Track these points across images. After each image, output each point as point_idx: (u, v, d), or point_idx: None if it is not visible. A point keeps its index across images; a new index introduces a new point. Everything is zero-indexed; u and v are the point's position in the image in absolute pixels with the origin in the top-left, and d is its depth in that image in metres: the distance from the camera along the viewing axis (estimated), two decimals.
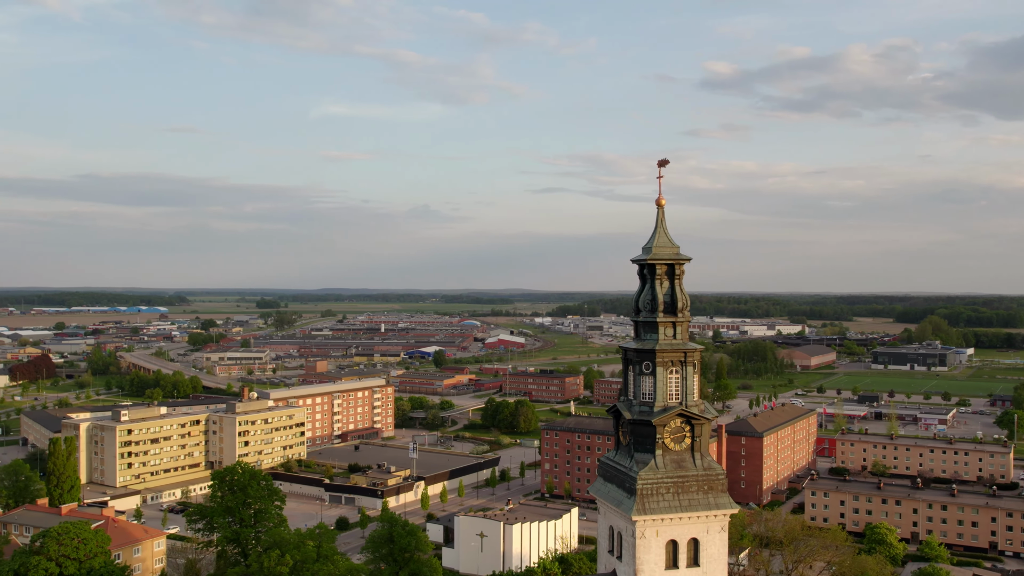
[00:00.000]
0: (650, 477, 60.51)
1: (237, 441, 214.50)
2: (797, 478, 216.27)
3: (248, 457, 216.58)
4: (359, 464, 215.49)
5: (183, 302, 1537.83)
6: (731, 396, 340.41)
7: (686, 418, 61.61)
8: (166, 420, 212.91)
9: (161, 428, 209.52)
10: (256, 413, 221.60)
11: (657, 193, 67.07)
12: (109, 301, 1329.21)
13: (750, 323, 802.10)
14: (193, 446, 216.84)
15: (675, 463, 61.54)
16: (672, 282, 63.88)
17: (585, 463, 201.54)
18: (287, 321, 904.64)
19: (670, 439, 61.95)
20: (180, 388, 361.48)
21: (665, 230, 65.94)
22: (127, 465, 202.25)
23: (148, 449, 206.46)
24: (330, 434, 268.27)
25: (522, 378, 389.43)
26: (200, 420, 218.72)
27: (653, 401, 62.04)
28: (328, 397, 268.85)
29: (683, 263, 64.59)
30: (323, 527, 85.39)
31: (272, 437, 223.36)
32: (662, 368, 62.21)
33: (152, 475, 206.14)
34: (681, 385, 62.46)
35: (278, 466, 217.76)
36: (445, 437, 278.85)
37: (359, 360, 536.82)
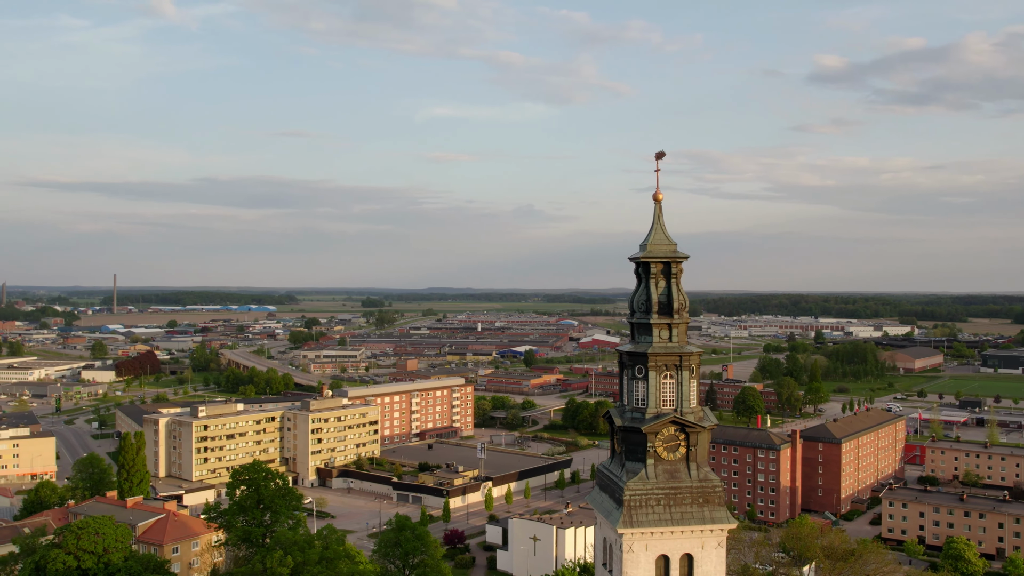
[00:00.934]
0: (639, 488, 56.92)
1: (310, 438, 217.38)
2: (881, 487, 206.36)
3: (321, 454, 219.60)
4: (429, 463, 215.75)
5: (292, 301, 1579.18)
6: (823, 399, 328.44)
7: (680, 426, 57.62)
8: (242, 416, 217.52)
9: (236, 424, 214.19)
10: (329, 411, 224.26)
11: (655, 187, 63.35)
12: (222, 300, 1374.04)
13: (856, 324, 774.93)
14: (268, 442, 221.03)
15: (668, 473, 57.65)
16: (669, 282, 60.07)
17: None
18: (387, 320, 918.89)
19: (663, 448, 58.09)
20: (272, 385, 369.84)
21: (662, 226, 62.24)
22: (203, 460, 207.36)
23: (224, 444, 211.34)
24: (408, 432, 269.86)
25: (608, 378, 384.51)
26: (275, 417, 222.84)
27: (646, 408, 58.47)
28: (406, 396, 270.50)
29: (680, 262, 60.70)
30: (330, 528, 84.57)
31: (345, 435, 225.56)
32: (655, 373, 58.50)
33: (227, 470, 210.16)
34: (676, 391, 58.54)
35: (350, 463, 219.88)
36: (523, 437, 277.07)
37: (452, 359, 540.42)
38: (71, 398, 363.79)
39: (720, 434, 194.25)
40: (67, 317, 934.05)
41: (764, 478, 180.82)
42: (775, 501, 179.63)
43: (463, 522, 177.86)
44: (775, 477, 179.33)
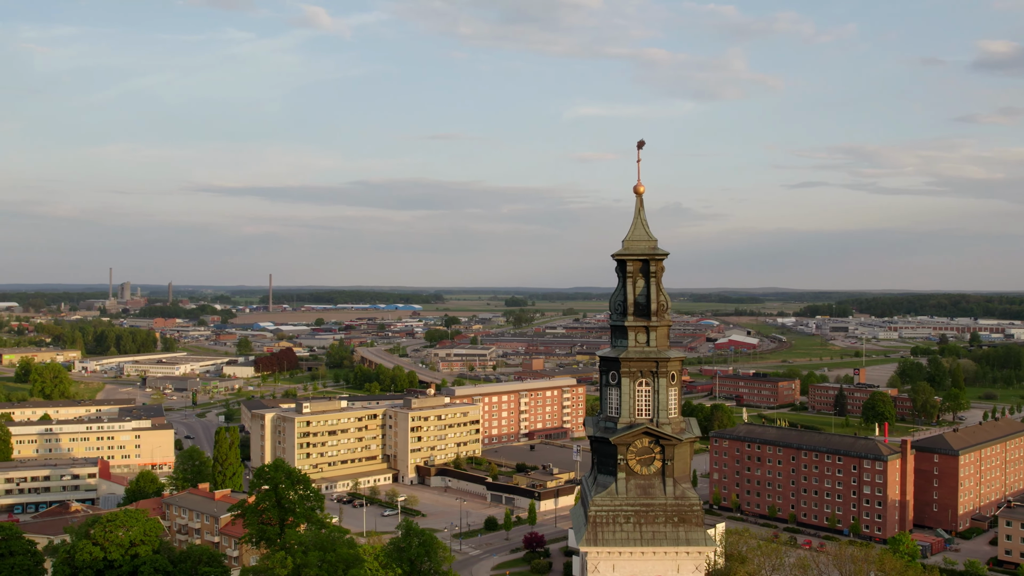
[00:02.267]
0: (605, 504, 52.68)
1: (410, 436, 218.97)
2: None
3: (420, 452, 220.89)
4: (527, 464, 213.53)
5: (439, 300, 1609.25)
6: (963, 407, 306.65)
7: (655, 438, 52.89)
8: (344, 413, 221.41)
9: (339, 421, 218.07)
10: (430, 409, 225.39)
11: (636, 179, 58.53)
12: (372, 299, 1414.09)
13: (1019, 326, 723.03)
14: (370, 439, 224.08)
15: (640, 489, 52.97)
16: (647, 281, 55.23)
17: (755, 475, 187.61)
18: (525, 319, 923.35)
19: (635, 461, 53.48)
20: (397, 382, 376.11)
21: (643, 221, 57.26)
22: (305, 455, 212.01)
23: (325, 440, 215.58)
24: (516, 432, 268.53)
25: (733, 381, 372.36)
26: (377, 415, 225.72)
27: (619, 417, 54.11)
28: (515, 396, 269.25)
29: (660, 259, 55.73)
30: (339, 529, 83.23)
31: (445, 433, 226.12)
32: (628, 379, 53.96)
33: (329, 465, 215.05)
34: (652, 399, 53.77)
35: (449, 462, 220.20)
36: None
37: (581, 358, 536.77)
38: (208, 392, 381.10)
39: (824, 442, 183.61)
40: (224, 315, 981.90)
41: (870, 490, 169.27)
42: (882, 515, 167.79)
43: (550, 526, 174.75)
44: (882, 490, 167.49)
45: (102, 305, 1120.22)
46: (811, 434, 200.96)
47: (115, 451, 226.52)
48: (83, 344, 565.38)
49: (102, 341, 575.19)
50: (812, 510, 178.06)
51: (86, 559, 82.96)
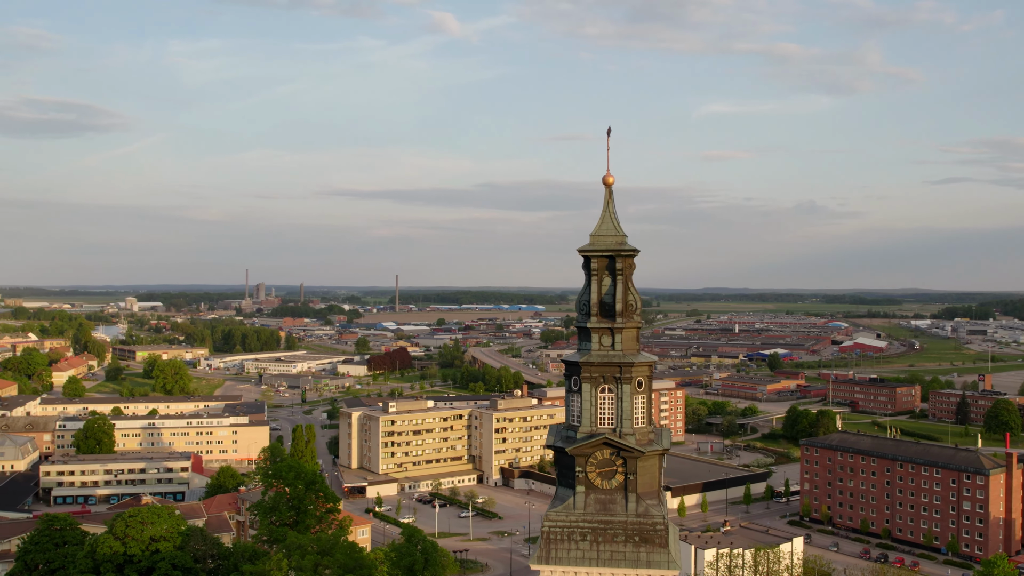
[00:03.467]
0: (560, 519, 48.62)
1: (494, 437, 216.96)
2: None
3: (505, 454, 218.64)
4: None
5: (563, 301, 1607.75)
6: None
7: (617, 449, 48.58)
8: (429, 413, 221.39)
9: (424, 421, 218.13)
10: (516, 411, 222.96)
11: (605, 168, 54.25)
12: (496, 299, 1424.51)
13: None
14: (456, 439, 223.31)
15: (600, 504, 48.62)
16: (614, 279, 50.83)
17: (847, 486, 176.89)
18: (645, 320, 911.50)
19: (596, 474, 49.18)
20: (503, 383, 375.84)
21: (611, 215, 52.84)
22: (390, 454, 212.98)
23: (410, 440, 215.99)
24: None
25: (848, 386, 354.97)
26: (463, 415, 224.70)
27: (579, 426, 50.08)
28: None
29: (628, 256, 51.16)
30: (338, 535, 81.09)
31: (531, 435, 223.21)
32: (589, 385, 49.67)
33: (414, 465, 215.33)
34: (616, 408, 49.38)
35: (535, 465, 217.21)
36: (733, 446, 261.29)
37: (695, 360, 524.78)
38: (318, 390, 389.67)
39: (922, 454, 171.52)
40: (350, 315, 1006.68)
41: (970, 507, 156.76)
42: (983, 534, 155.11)
43: None
44: (983, 506, 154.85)
45: (238, 305, 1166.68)
46: (908, 444, 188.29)
47: (213, 446, 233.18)
48: (211, 342, 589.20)
49: (229, 339, 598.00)
50: (908, 526, 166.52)
51: (107, 553, 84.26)
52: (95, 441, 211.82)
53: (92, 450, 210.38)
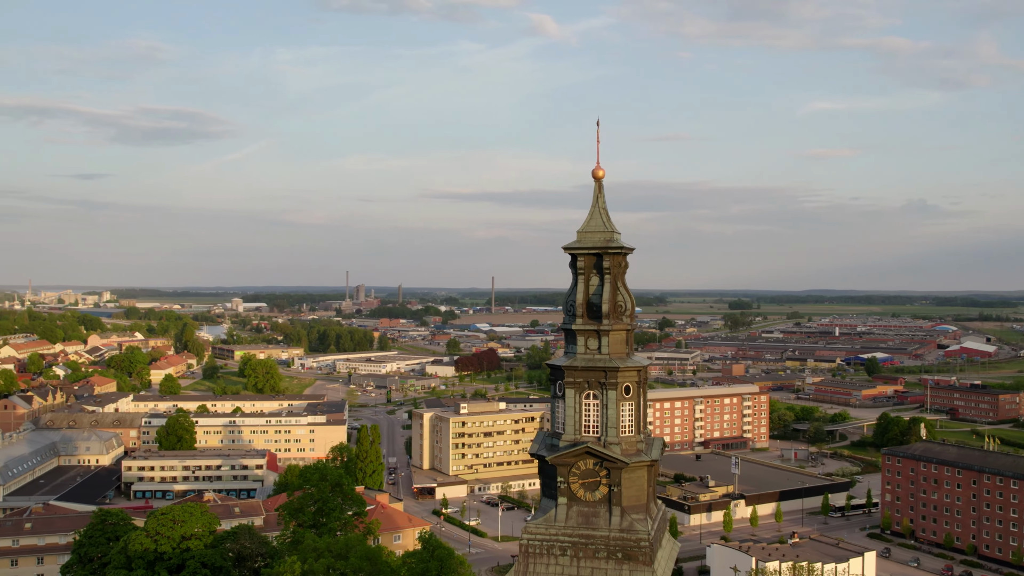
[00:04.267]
0: (540, 532, 46.10)
1: None
2: None
3: None
4: (685, 475, 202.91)
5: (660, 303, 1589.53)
6: None
7: (600, 460, 45.78)
8: (500, 415, 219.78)
9: (494, 423, 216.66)
10: None
11: (595, 162, 51.42)
12: None
13: None
14: (528, 441, 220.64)
15: (582, 517, 45.90)
16: (602, 278, 48.00)
17: (931, 499, 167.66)
18: (743, 322, 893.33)
19: (578, 485, 46.48)
20: None
21: (602, 209, 50.08)
22: (460, 455, 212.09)
23: (481, 442, 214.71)
24: (690, 440, 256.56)
25: (948, 392, 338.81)
26: (534, 417, 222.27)
27: (563, 434, 47.50)
28: (689, 402, 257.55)
29: (616, 253, 48.18)
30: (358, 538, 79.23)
31: None
32: (573, 391, 47.16)
33: (485, 467, 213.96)
34: (601, 415, 46.60)
35: None
36: (819, 453, 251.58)
37: (790, 364, 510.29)
38: (403, 390, 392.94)
39: (1011, 466, 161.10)
40: (446, 316, 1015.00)
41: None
42: None
43: (694, 542, 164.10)
44: None
45: (338, 306, 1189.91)
46: (997, 456, 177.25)
47: (291, 444, 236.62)
48: (307, 342, 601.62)
49: (324, 340, 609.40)
50: (996, 542, 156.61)
51: (138, 549, 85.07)
52: (176, 438, 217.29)
53: (173, 446, 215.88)
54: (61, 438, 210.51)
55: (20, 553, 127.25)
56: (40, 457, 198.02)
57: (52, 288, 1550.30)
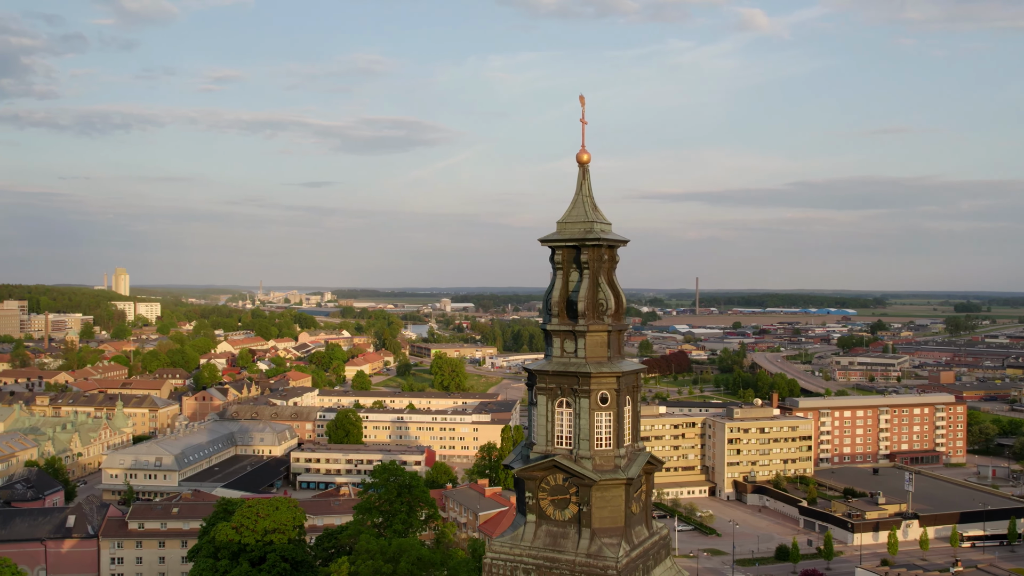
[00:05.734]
0: (504, 551, 42.49)
1: (727, 448, 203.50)
2: None
3: (739, 466, 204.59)
4: (856, 489, 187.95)
5: (879, 304, 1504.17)
6: None
7: (569, 474, 41.59)
8: (660, 420, 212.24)
9: (653, 427, 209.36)
10: (752, 421, 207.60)
11: (580, 145, 46.84)
12: (804, 303, 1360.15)
13: None
14: (688, 448, 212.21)
15: (550, 538, 41.80)
16: (580, 273, 43.57)
17: None
18: (966, 326, 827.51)
19: (548, 502, 42.46)
20: (776, 390, 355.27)
21: (585, 197, 45.62)
22: None
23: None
24: (874, 452, 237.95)
25: None
26: (696, 423, 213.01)
27: (536, 445, 43.68)
28: (872, 411, 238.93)
29: (596, 247, 43.70)
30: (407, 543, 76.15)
31: (769, 448, 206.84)
32: (545, 398, 43.13)
33: None
34: (574, 425, 42.31)
35: (771, 480, 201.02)
36: (1022, 472, 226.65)
37: (1012, 372, 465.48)
38: None
39: None
40: (647, 317, 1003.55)
41: None
42: None
43: (853, 563, 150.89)
44: None
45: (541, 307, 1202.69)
46: None
47: (455, 442, 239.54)
48: (501, 342, 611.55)
49: (518, 339, 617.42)
50: None
51: (223, 540, 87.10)
52: (344, 432, 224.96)
53: (341, 440, 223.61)
54: (239, 428, 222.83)
55: (167, 536, 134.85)
56: (218, 446, 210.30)
57: (280, 288, 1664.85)
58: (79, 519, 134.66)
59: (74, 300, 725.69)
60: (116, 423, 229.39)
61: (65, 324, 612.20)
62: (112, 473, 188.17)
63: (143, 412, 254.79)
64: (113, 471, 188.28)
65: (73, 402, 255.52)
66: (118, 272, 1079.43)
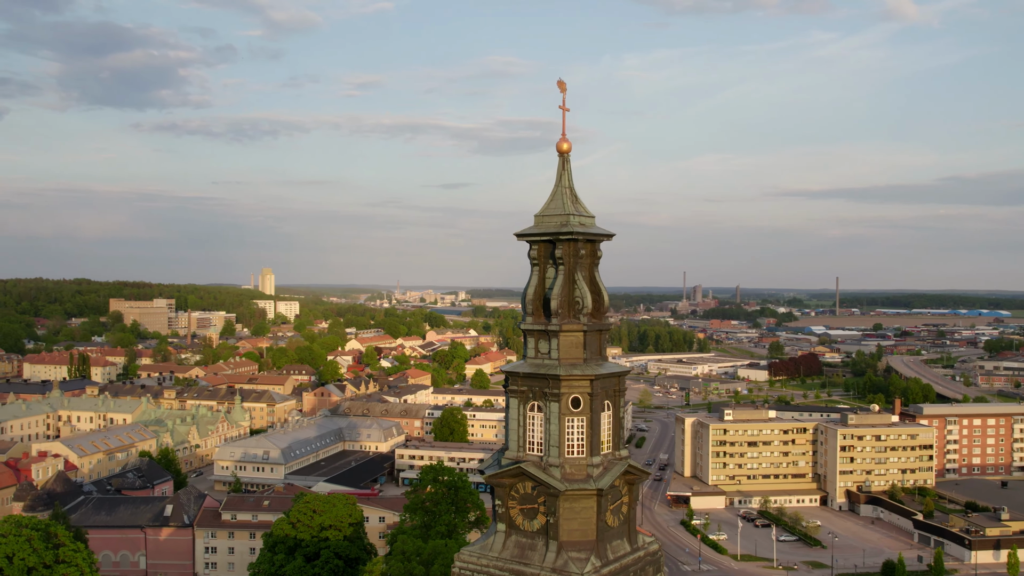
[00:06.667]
0: (471, 561, 40.79)
1: (839, 456, 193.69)
2: None
3: (852, 475, 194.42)
4: (978, 503, 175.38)
5: None
6: None
7: (537, 483, 39.52)
8: (768, 424, 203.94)
9: (760, 432, 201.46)
10: (867, 428, 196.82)
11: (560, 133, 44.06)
12: (955, 304, 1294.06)
13: None
14: (799, 455, 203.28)
15: (519, 549, 39.90)
16: (556, 269, 41.24)
17: None
18: None
19: (517, 511, 40.51)
20: (909, 395, 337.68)
21: (565, 188, 42.72)
22: (721, 465, 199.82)
23: (744, 452, 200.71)
24: (1007, 464, 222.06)
25: None
26: (807, 429, 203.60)
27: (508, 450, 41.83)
28: (1006, 420, 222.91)
29: (571, 241, 41.17)
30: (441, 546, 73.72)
31: (886, 456, 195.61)
32: (517, 401, 41.14)
33: (748, 479, 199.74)
34: (545, 430, 40.13)
35: (886, 490, 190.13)
36: None
37: None
38: (705, 393, 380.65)
39: None
40: (782, 318, 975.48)
41: None
42: None
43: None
44: None
45: (674, 307, 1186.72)
46: None
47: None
48: (627, 342, 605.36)
49: (643, 340, 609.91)
50: None
51: (280, 535, 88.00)
52: (448, 430, 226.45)
53: (446, 438, 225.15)
54: (347, 424, 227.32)
55: (257, 527, 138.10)
56: (325, 441, 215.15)
57: (417, 288, 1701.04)
58: (176, 509, 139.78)
59: (219, 299, 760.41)
60: (234, 417, 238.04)
61: (209, 322, 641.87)
62: (223, 465, 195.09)
63: (261, 407, 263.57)
64: (224, 463, 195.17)
65: (197, 396, 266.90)
66: (264, 272, 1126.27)
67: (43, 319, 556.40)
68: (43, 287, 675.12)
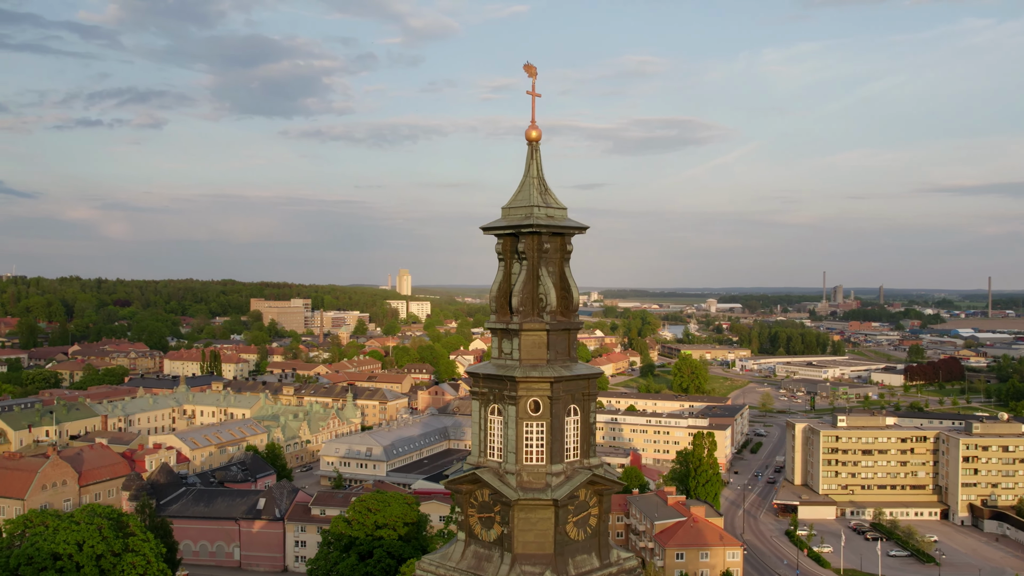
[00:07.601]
0: (429, 569, 39.65)
1: (961, 467, 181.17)
2: None
3: (976, 488, 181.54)
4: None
5: None
6: None
7: (492, 490, 37.77)
8: (885, 432, 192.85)
9: (876, 440, 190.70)
10: (994, 438, 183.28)
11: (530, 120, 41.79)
12: None
13: None
14: (918, 465, 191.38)
15: (476, 560, 38.43)
16: (520, 264, 39.25)
17: None
18: None
19: (475, 519, 39.04)
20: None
21: (534, 179, 40.10)
22: (833, 473, 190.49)
23: (859, 460, 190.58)
24: None
25: None
26: (928, 437, 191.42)
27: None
28: None
29: (533, 234, 38.92)
30: None
31: (1015, 468, 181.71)
32: (478, 403, 39.60)
33: (862, 489, 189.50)
34: (504, 435, 38.36)
35: (1015, 505, 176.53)
36: None
37: None
38: (832, 397, 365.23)
39: None
40: (927, 319, 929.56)
41: None
42: None
43: None
44: None
45: (813, 308, 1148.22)
46: None
47: (669, 446, 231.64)
48: (757, 344, 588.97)
49: (774, 341, 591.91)
50: None
51: (337, 532, 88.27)
52: None
53: None
54: (453, 423, 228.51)
55: None
56: (429, 439, 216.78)
57: None
58: (268, 502, 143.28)
59: (354, 299, 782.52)
60: (345, 413, 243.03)
61: (343, 321, 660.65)
62: (328, 460, 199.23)
63: (374, 404, 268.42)
64: (329, 459, 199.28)
65: (314, 392, 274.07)
66: (401, 273, 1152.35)
67: (188, 318, 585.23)
68: (191, 288, 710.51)
